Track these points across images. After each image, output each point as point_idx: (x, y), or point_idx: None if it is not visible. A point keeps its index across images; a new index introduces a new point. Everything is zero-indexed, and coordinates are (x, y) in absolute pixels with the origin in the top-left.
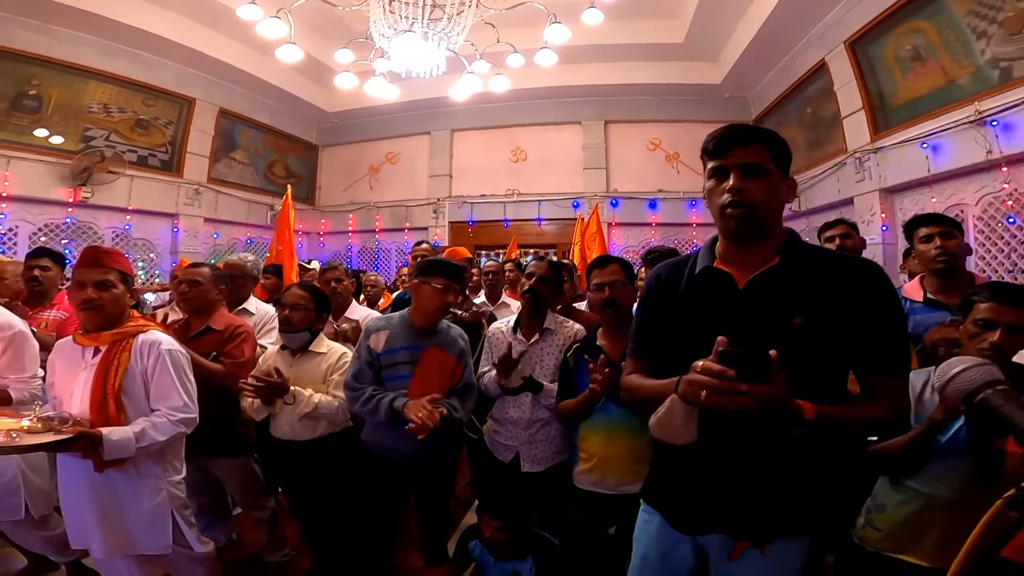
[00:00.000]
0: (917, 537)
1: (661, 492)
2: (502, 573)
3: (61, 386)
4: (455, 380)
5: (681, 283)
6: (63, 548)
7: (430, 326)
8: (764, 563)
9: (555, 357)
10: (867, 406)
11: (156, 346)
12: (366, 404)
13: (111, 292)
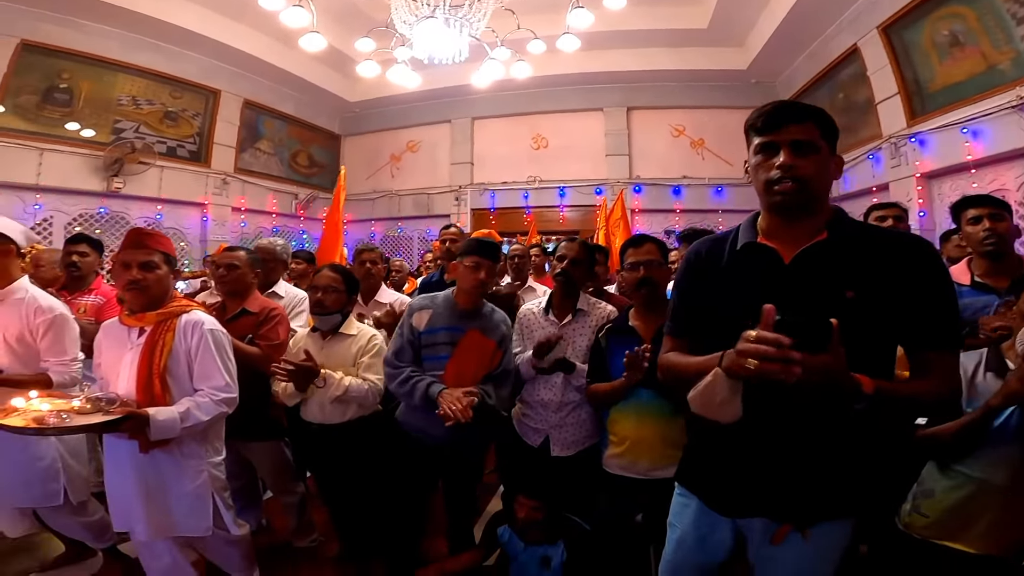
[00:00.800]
0: (967, 524)
1: (699, 474)
2: (531, 558)
3: (108, 367)
4: (493, 365)
5: (723, 259)
6: (101, 534)
7: (473, 308)
8: (805, 547)
9: (587, 338)
10: (921, 382)
11: (199, 326)
12: (403, 385)
13: (155, 273)
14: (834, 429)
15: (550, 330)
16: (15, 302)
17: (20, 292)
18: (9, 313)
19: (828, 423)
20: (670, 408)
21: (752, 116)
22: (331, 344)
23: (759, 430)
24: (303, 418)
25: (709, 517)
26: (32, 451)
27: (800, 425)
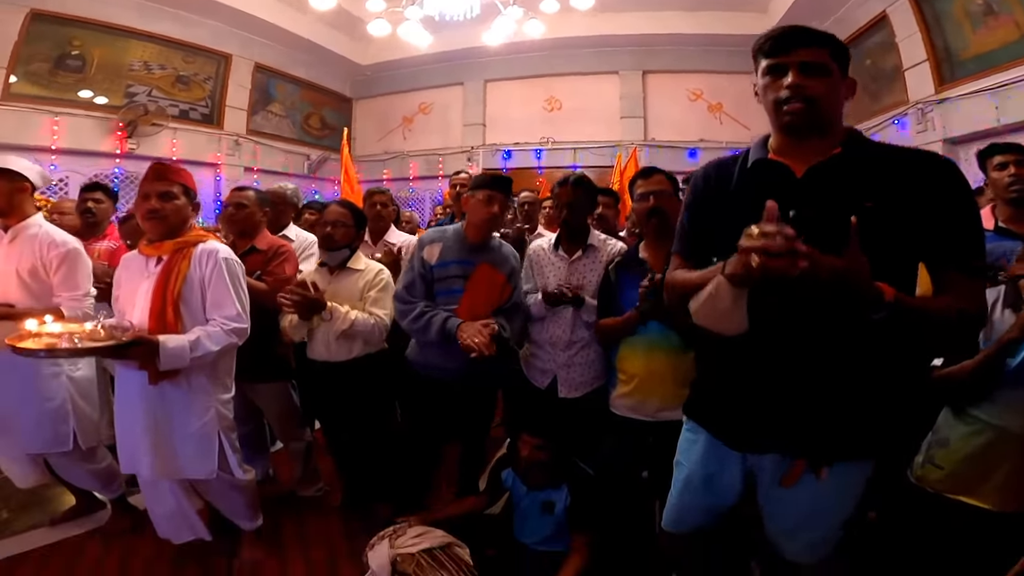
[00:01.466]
0: (984, 475)
1: (708, 405)
2: (534, 503)
3: (125, 298)
4: (504, 299)
5: (732, 180)
6: (109, 483)
7: (482, 240)
8: (818, 489)
9: (597, 273)
10: (945, 299)
11: (214, 254)
12: (417, 321)
13: (173, 203)
14: (851, 348)
15: (560, 265)
16: (29, 237)
17: (34, 228)
18: (23, 247)
19: (844, 341)
20: (680, 343)
21: (759, 40)
22: (338, 279)
23: (770, 353)
24: (309, 357)
25: (718, 453)
26: (42, 391)
27: (814, 345)
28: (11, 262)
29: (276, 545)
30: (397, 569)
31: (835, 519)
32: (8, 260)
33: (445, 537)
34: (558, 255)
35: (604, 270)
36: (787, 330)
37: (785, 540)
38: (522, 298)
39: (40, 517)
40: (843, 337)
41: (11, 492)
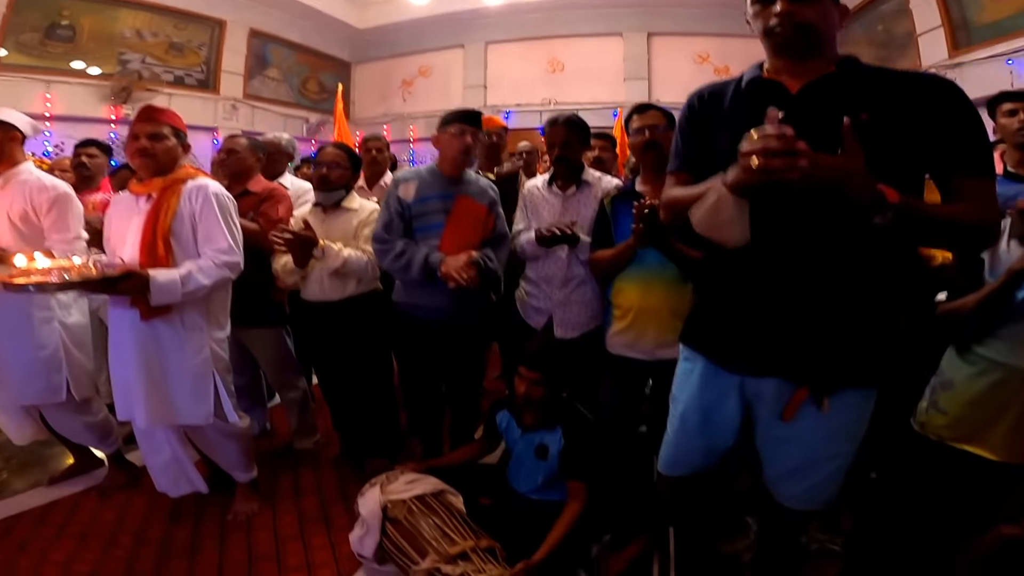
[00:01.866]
0: (991, 421)
1: (706, 327)
2: (528, 447)
3: (115, 236)
4: (487, 230)
5: (726, 100)
6: (105, 436)
7: (458, 175)
8: (819, 425)
9: (592, 209)
10: (956, 205)
11: (204, 189)
12: (398, 259)
13: (163, 143)
14: (857, 263)
15: (554, 202)
16: (19, 182)
17: (24, 173)
18: (13, 192)
19: (849, 255)
20: (678, 275)
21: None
22: (332, 218)
23: (773, 269)
24: (303, 298)
25: (716, 381)
26: (34, 339)
27: (818, 260)
28: (2, 207)
29: (270, 497)
30: (388, 515)
31: (836, 460)
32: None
33: (438, 484)
34: (552, 192)
35: (599, 205)
36: (790, 244)
37: (784, 485)
38: (506, 228)
39: (39, 477)
40: (848, 251)
41: (11, 453)
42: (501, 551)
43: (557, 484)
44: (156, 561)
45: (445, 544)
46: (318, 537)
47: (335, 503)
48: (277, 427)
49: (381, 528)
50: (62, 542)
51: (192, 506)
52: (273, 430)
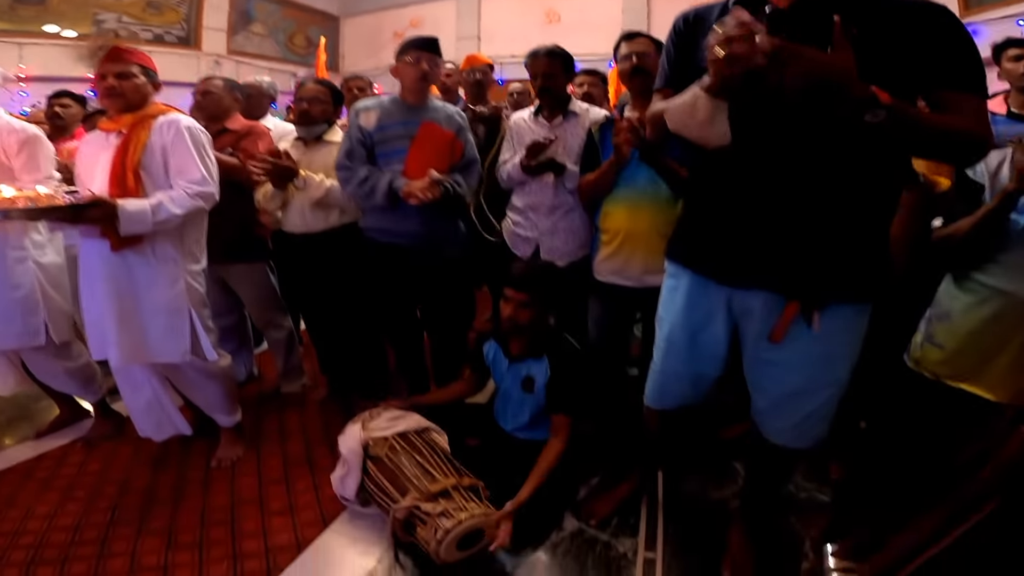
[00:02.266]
0: (988, 355)
1: (693, 238)
2: (515, 380)
3: (85, 172)
4: (456, 157)
5: (711, 21)
6: (88, 384)
7: (419, 103)
8: (812, 344)
9: (580, 139)
10: (949, 116)
11: (176, 123)
12: (362, 185)
13: (132, 81)
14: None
15: (540, 132)
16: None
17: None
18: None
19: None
20: (668, 196)
21: None
22: (314, 150)
23: (760, 176)
24: (285, 230)
25: (702, 299)
26: (8, 279)
27: (807, 164)
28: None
29: (255, 441)
30: (369, 454)
31: (828, 389)
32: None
33: (421, 422)
34: (538, 122)
35: (587, 133)
36: (779, 149)
37: (773, 418)
38: (476, 154)
39: (27, 431)
40: (841, 155)
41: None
42: (484, 490)
43: (544, 421)
44: (139, 510)
45: (426, 482)
46: (302, 480)
47: (320, 445)
48: (264, 372)
49: (362, 467)
50: (47, 495)
51: (176, 453)
52: (260, 375)
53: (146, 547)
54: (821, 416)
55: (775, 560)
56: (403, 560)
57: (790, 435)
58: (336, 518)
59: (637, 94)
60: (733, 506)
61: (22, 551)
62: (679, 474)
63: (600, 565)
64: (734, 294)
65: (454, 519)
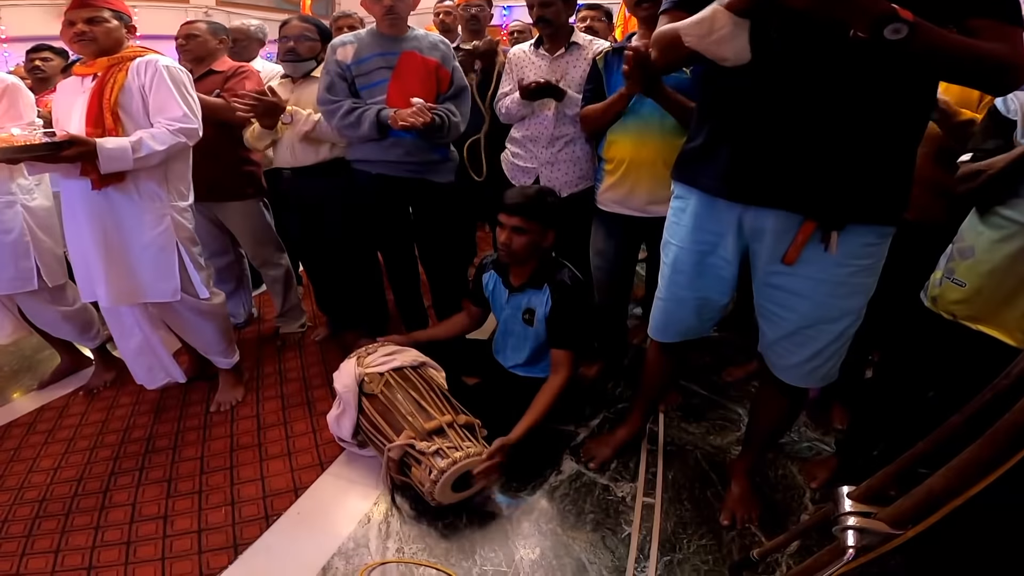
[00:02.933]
0: (1011, 296)
1: (703, 155)
2: (515, 311)
3: (63, 115)
4: (444, 86)
5: None
6: (86, 329)
7: (396, 33)
8: (827, 269)
9: (582, 70)
10: (980, 41)
11: (154, 63)
12: (346, 117)
13: (103, 26)
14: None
15: (540, 64)
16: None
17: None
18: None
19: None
20: (674, 125)
21: None
22: (302, 87)
23: (780, 92)
24: (276, 166)
25: (711, 220)
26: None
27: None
28: None
29: (254, 384)
30: (364, 391)
31: (842, 321)
32: None
33: (418, 357)
34: (539, 54)
35: (591, 63)
36: (799, 65)
37: (783, 351)
38: (464, 82)
39: (30, 383)
40: (864, 70)
41: (3, 361)
42: (481, 428)
43: (545, 357)
44: (139, 458)
45: (421, 419)
46: (300, 423)
47: (319, 387)
48: (264, 314)
49: (357, 405)
50: (50, 448)
51: (176, 399)
52: (260, 317)
53: (147, 496)
54: (833, 352)
55: (776, 509)
56: (399, 503)
57: (799, 372)
58: (333, 461)
59: (645, 23)
60: (734, 453)
61: (27, 506)
62: (680, 418)
63: (598, 509)
64: (745, 213)
65: (449, 459)
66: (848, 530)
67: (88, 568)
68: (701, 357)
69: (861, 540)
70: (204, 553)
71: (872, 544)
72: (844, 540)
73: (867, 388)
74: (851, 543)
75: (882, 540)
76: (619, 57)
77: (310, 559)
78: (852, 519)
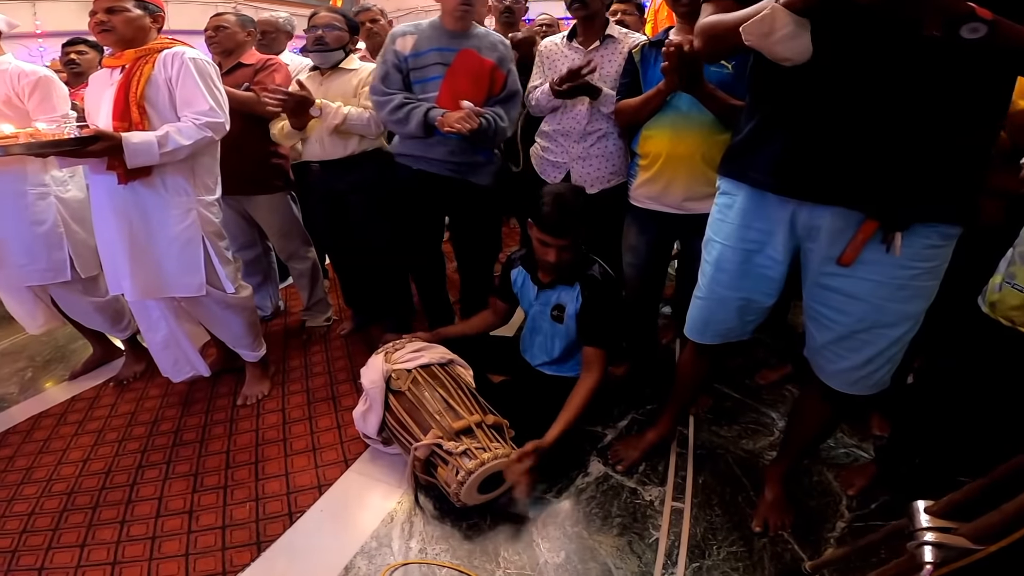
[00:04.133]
0: None
1: (755, 149)
2: (544, 308)
3: (92, 108)
4: (496, 88)
5: None
6: (118, 320)
7: (463, 29)
8: (886, 269)
9: (617, 64)
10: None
11: (180, 55)
12: (396, 111)
13: (123, 15)
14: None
15: (573, 57)
16: None
17: (4, 64)
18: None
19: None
20: (712, 121)
21: None
22: (331, 79)
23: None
24: (305, 160)
25: (760, 218)
26: (31, 215)
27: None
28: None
29: (280, 378)
30: (391, 387)
31: (900, 327)
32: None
33: (446, 354)
34: (572, 46)
35: (627, 56)
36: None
37: (833, 356)
38: (519, 86)
39: (62, 373)
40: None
41: (35, 351)
42: (509, 429)
43: (574, 355)
44: (167, 451)
45: (449, 418)
46: (325, 418)
47: (343, 382)
48: (290, 307)
49: (384, 402)
50: (80, 440)
51: (204, 392)
52: (286, 309)
53: (173, 490)
54: (887, 358)
55: (811, 516)
56: (423, 502)
57: (848, 378)
58: (357, 458)
59: (684, 18)
60: (767, 458)
61: (55, 499)
62: (711, 422)
63: (625, 512)
64: (800, 210)
65: (476, 460)
66: (925, 545)
67: (113, 563)
68: (733, 359)
69: (939, 556)
70: (227, 550)
71: (949, 559)
72: (921, 556)
73: (910, 395)
74: (928, 559)
75: (959, 555)
76: (656, 50)
77: (332, 559)
78: (931, 534)
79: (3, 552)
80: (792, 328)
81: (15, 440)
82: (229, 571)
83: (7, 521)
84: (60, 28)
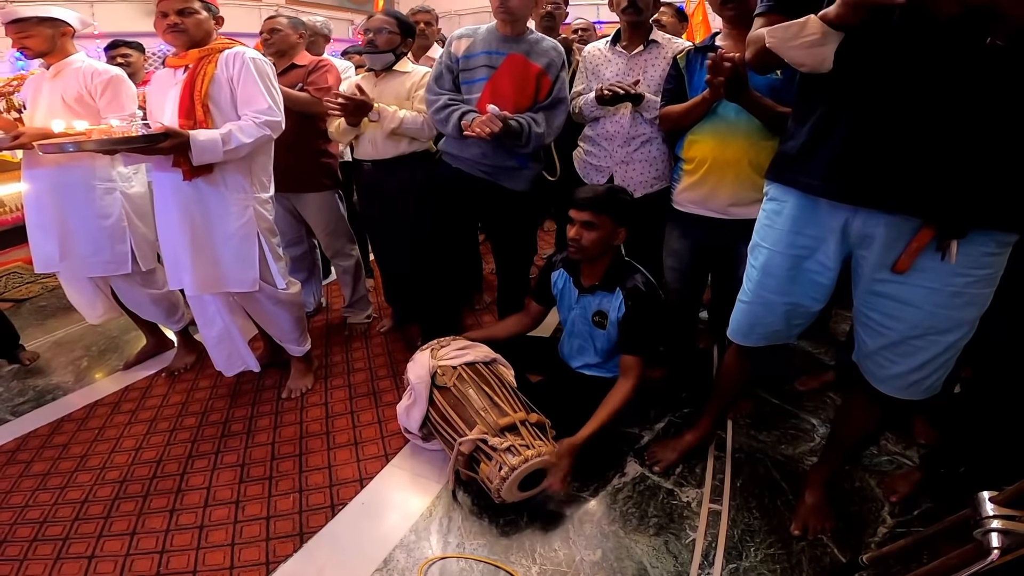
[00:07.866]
0: None
1: (808, 154)
2: (584, 312)
3: (155, 107)
4: (543, 94)
5: None
6: (172, 312)
7: (517, 34)
8: (941, 276)
9: (661, 70)
10: None
11: (241, 55)
12: (439, 112)
13: (194, 17)
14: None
15: (617, 62)
16: (73, 71)
17: (77, 62)
18: (67, 79)
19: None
20: (759, 127)
21: None
22: (384, 81)
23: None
24: (355, 157)
25: (811, 224)
26: (97, 209)
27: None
28: (56, 93)
29: (324, 373)
30: (436, 383)
31: (954, 333)
32: (54, 92)
33: (490, 353)
34: (615, 51)
35: (672, 61)
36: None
37: (884, 361)
38: (566, 92)
39: (116, 363)
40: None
41: (91, 341)
42: (551, 428)
43: (614, 358)
44: (216, 442)
45: (494, 415)
46: (367, 413)
47: (384, 378)
48: (332, 303)
49: (428, 397)
50: (133, 428)
51: (251, 385)
52: (328, 306)
53: (221, 480)
54: (940, 364)
55: (851, 521)
56: (461, 498)
57: (901, 383)
58: (397, 453)
59: (730, 24)
60: (807, 463)
61: (108, 486)
62: (749, 426)
63: (662, 513)
64: (854, 216)
65: (521, 456)
66: (993, 532)
67: (161, 552)
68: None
69: (1006, 542)
70: (271, 540)
71: (1014, 545)
72: (988, 542)
73: (958, 404)
74: (995, 544)
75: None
76: (702, 56)
77: (372, 551)
78: (997, 522)
79: (55, 539)
80: (833, 336)
81: (70, 428)
82: (272, 561)
83: (59, 508)
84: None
